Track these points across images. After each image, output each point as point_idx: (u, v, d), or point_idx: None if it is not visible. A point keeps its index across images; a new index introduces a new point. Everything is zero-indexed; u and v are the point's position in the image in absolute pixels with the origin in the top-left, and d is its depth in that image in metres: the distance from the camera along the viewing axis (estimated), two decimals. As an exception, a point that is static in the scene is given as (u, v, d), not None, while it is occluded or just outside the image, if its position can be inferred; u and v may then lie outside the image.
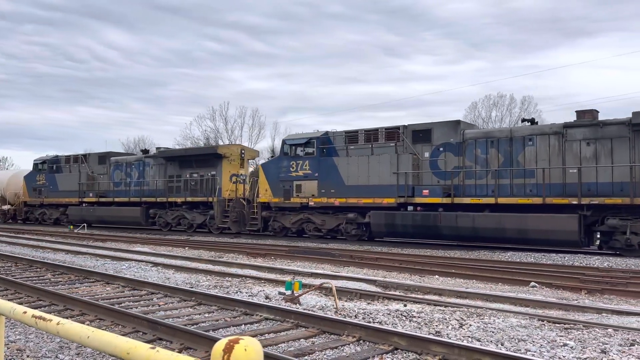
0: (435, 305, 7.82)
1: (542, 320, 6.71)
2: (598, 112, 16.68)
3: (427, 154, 18.95)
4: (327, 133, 21.47)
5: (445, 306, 7.72)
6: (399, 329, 6.07)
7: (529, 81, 69.94)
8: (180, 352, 5.30)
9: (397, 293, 9.24)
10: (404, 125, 19.66)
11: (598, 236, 16.60)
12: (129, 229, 28.17)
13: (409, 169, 18.92)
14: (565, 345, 5.47)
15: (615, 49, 69.68)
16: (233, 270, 12.36)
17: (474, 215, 17.39)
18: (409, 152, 19.15)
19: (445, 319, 6.67)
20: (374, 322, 6.51)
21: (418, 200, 18.64)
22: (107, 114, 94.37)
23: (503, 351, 5.09)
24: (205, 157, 25.76)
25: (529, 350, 5.29)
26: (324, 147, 21.15)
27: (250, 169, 27.34)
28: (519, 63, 73.95)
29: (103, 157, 31.40)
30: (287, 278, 9.69)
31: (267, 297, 8.44)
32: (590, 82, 69.87)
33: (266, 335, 6.15)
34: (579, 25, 73.81)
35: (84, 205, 31.12)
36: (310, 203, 21.23)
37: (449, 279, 11.50)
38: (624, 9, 72.31)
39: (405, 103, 77.07)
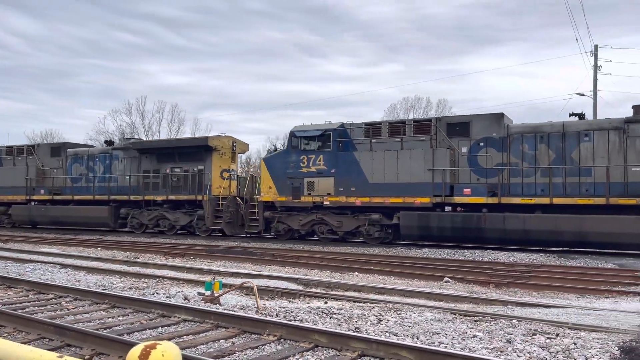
0: (355, 301, 7.95)
1: (454, 314, 6.99)
2: (658, 106, 15.70)
3: (464, 149, 17.27)
4: (342, 125, 19.30)
5: (365, 302, 7.87)
6: (320, 327, 6.13)
7: (443, 85, 72.09)
8: (91, 358, 5.23)
9: (318, 291, 9.37)
10: (437, 118, 17.94)
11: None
12: (93, 231, 24.57)
13: (446, 165, 17.15)
14: (474, 336, 5.74)
15: (519, 58, 73.21)
16: (150, 271, 11.98)
17: (524, 217, 15.89)
18: (445, 146, 17.39)
19: (365, 315, 6.79)
20: (295, 320, 6.52)
21: (458, 200, 16.91)
22: (8, 105, 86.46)
23: (418, 345, 5.30)
24: (192, 150, 22.75)
25: (442, 343, 5.51)
26: (341, 140, 18.96)
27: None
28: (433, 67, 76.61)
29: (57, 149, 27.40)
30: (207, 278, 9.41)
31: (185, 298, 8.16)
32: (498, 88, 72.97)
33: (184, 337, 6.01)
34: (486, 34, 77.50)
35: (33, 203, 27.01)
36: (325, 202, 18.98)
37: (369, 275, 11.80)
38: (526, 21, 76.23)
39: (326, 103, 76.81)
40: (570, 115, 16.72)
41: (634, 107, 15.99)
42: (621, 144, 15.37)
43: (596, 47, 30.56)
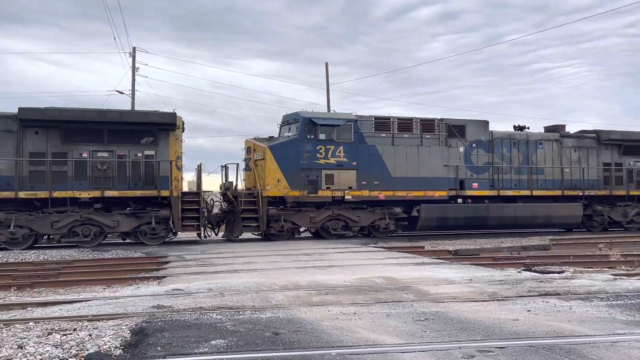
0: None
1: None
2: (565, 125, 22.42)
3: (461, 149, 19.80)
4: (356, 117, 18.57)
5: None
6: None
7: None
8: None
9: None
10: (439, 119, 19.72)
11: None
12: None
13: (457, 162, 19.35)
14: None
15: (49, 44, 72.49)
16: None
17: (515, 206, 19.91)
18: (448, 145, 19.45)
19: None
20: None
21: (469, 192, 19.38)
22: None
23: None
24: (139, 128, 16.45)
25: None
26: (362, 132, 18.27)
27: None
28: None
29: None
30: None
31: None
32: (28, 73, 70.06)
33: None
34: (14, 11, 71.92)
35: None
36: (347, 197, 17.90)
37: None
38: (55, 5, 75.39)
39: None
40: (515, 127, 21.61)
41: (545, 127, 22.34)
42: (559, 152, 21.31)
43: (134, 49, 31.46)
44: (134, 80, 31.43)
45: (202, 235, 17.18)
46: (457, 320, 5.92)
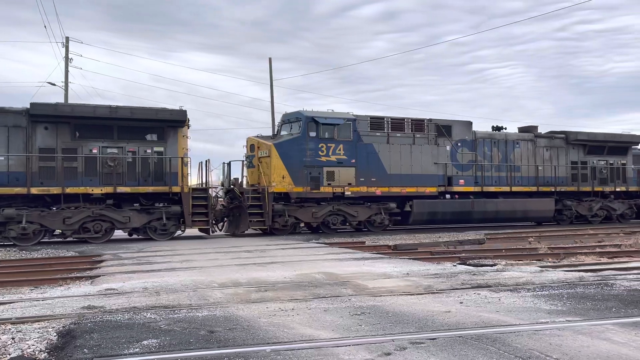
0: None
1: None
2: (538, 126, 24.09)
3: (448, 148, 21.05)
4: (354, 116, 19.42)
5: None
6: None
7: None
8: None
9: None
10: (428, 119, 20.86)
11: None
12: None
13: (446, 160, 20.57)
14: None
15: None
16: None
17: (497, 201, 21.36)
18: (437, 144, 20.62)
19: None
20: None
21: (457, 189, 20.64)
22: None
23: None
24: (149, 124, 16.64)
25: None
26: (359, 131, 19.14)
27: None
28: None
29: None
30: None
31: None
32: None
33: None
34: None
35: None
36: (347, 193, 18.74)
37: None
38: None
39: None
40: (493, 128, 23.08)
41: (523, 127, 23.94)
42: (533, 151, 22.95)
43: (67, 39, 30.38)
44: (67, 71, 30.16)
45: (211, 231, 17.57)
46: (393, 313, 6.03)
